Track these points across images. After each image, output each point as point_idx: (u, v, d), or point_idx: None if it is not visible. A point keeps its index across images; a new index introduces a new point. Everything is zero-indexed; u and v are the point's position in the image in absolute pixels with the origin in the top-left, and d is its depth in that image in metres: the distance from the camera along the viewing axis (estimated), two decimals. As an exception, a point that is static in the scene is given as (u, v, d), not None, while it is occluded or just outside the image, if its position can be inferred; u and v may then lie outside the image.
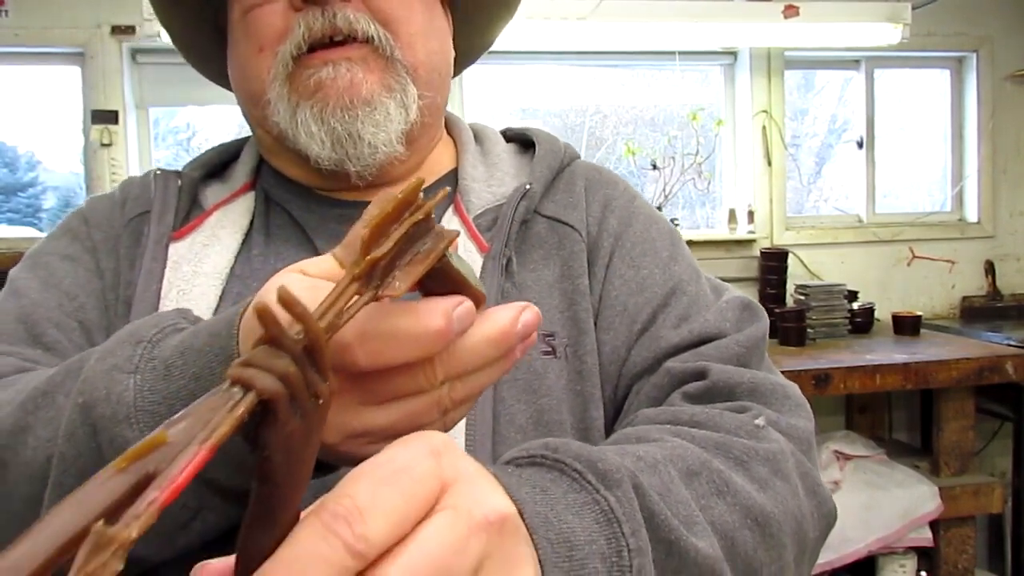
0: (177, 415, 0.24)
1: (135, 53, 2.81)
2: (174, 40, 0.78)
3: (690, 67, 3.17)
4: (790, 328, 2.60)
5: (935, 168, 3.41)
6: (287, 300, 0.25)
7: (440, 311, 0.35)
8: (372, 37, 0.64)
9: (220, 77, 0.79)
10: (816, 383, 2.24)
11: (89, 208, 0.73)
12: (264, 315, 0.25)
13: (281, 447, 0.25)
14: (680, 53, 2.97)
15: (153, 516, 0.21)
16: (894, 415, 3.04)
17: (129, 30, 2.69)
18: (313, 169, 0.68)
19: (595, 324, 0.67)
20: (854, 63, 3.25)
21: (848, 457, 2.44)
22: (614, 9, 2.53)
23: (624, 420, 0.63)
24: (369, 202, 0.72)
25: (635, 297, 0.67)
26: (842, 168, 3.38)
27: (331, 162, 0.66)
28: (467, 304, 0.36)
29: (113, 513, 0.21)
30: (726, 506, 0.48)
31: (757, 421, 0.57)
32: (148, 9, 2.24)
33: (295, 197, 0.72)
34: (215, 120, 3.13)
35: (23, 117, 2.91)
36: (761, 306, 0.69)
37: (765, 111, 3.08)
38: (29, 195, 3.08)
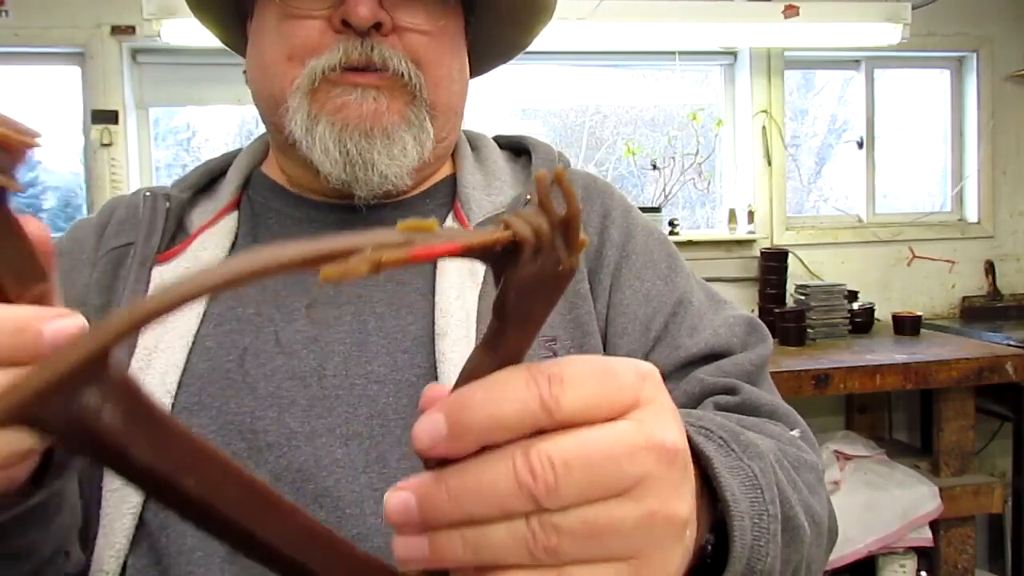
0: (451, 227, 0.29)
1: (135, 53, 2.81)
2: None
3: (690, 67, 3.17)
4: (790, 328, 2.60)
5: (935, 168, 3.41)
6: (560, 176, 0.30)
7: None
8: (403, 74, 0.66)
9: (231, 41, 0.79)
10: (816, 383, 2.24)
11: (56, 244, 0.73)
12: (540, 182, 0.30)
13: (516, 286, 0.29)
14: (680, 53, 2.97)
15: (395, 260, 0.26)
16: (894, 415, 3.04)
17: (129, 30, 2.69)
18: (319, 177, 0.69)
19: (607, 329, 0.70)
20: (854, 63, 3.25)
21: (848, 457, 2.44)
22: (614, 9, 2.53)
23: None
24: (371, 207, 0.72)
25: (644, 308, 0.70)
26: (842, 168, 3.38)
27: (339, 182, 0.67)
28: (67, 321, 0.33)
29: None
30: (797, 500, 0.52)
31: (793, 432, 0.62)
32: (148, 9, 2.24)
33: (293, 207, 0.73)
34: (215, 120, 3.12)
35: (23, 117, 2.89)
36: (764, 325, 0.73)
37: (765, 111, 3.08)
38: (29, 195, 3.08)
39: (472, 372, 0.31)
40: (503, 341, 0.30)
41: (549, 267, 0.29)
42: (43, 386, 0.23)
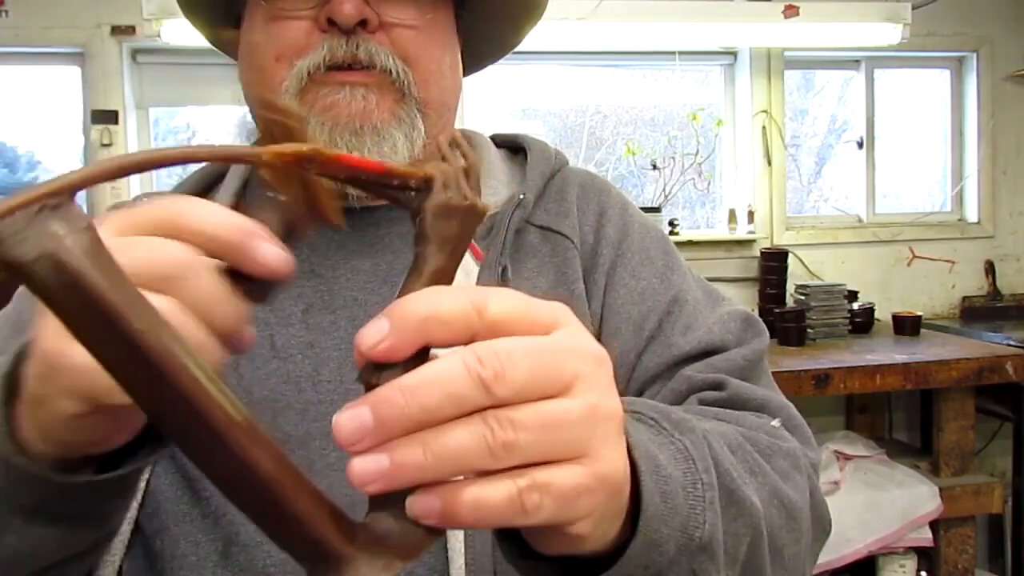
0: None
1: (135, 53, 2.81)
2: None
3: (690, 67, 3.18)
4: (790, 328, 2.60)
5: (935, 168, 3.42)
6: (457, 141, 0.39)
7: None
8: (391, 71, 0.65)
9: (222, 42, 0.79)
10: (816, 383, 2.24)
11: None
12: (439, 142, 0.39)
13: (430, 210, 0.35)
14: (680, 53, 2.97)
15: (329, 153, 0.33)
16: (894, 415, 3.04)
17: (129, 30, 2.69)
18: None
19: (600, 330, 0.69)
20: (854, 63, 3.25)
21: (848, 457, 2.44)
22: (614, 9, 2.53)
23: None
24: (366, 208, 0.72)
25: (638, 306, 0.69)
26: (842, 168, 3.38)
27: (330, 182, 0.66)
28: None
29: None
30: (758, 484, 0.52)
31: (773, 423, 0.61)
32: (148, 9, 2.24)
33: None
34: (215, 120, 3.12)
35: (23, 117, 2.91)
36: (761, 320, 0.72)
37: (765, 111, 3.08)
38: (29, 195, 3.07)
39: (404, 292, 0.35)
40: (427, 263, 0.35)
41: (457, 199, 0.35)
42: (10, 205, 0.26)
